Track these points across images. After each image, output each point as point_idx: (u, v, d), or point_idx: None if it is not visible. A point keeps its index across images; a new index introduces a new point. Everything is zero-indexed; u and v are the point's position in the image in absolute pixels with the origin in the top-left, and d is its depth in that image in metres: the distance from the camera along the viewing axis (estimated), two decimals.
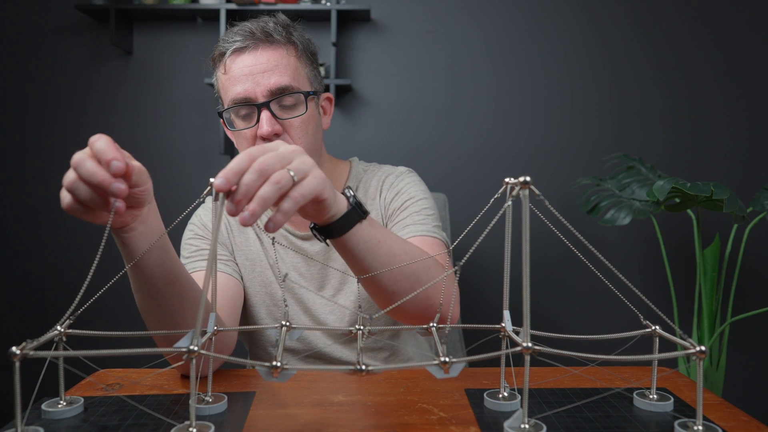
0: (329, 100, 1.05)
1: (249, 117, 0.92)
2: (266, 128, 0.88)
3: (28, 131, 2.02)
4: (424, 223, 0.98)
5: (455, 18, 1.98)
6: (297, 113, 0.92)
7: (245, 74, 0.90)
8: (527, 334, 0.48)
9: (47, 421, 0.56)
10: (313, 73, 0.98)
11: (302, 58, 0.96)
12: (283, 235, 1.02)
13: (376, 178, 1.06)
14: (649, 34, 1.95)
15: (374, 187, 1.05)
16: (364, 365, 0.47)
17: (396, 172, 1.07)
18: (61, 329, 0.54)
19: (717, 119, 1.96)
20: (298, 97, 0.92)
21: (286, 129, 0.92)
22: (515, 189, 0.51)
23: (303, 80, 0.94)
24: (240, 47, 0.90)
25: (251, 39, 0.90)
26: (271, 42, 0.92)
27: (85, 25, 2.00)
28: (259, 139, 0.90)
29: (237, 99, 0.90)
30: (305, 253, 1.01)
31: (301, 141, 0.93)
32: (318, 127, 0.98)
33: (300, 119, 0.92)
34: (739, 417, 0.60)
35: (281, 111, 0.91)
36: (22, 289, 2.04)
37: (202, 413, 0.59)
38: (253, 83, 0.89)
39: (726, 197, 1.32)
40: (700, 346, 0.50)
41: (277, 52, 0.92)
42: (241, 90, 0.90)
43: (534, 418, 0.53)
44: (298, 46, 0.95)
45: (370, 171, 1.09)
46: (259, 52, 0.91)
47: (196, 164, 2.02)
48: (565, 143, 1.98)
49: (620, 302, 0.62)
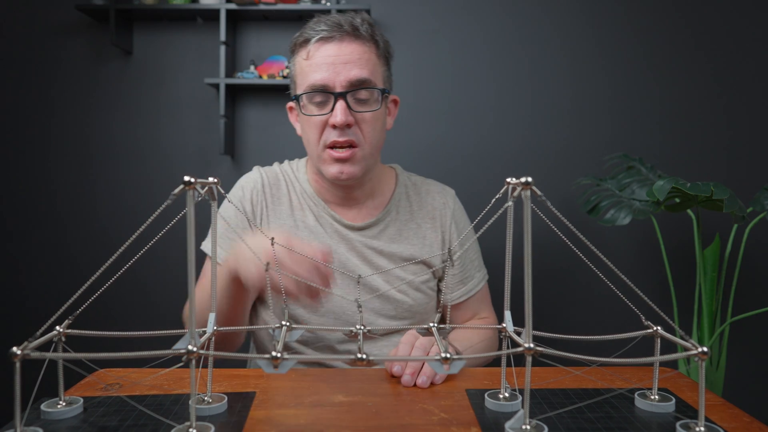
0: (395, 102, 1.09)
1: (323, 105, 0.95)
2: (340, 118, 0.92)
3: (27, 131, 2.02)
4: (479, 268, 1.14)
5: (455, 18, 1.98)
6: (370, 108, 0.96)
7: (327, 63, 0.93)
8: (529, 334, 0.48)
9: (47, 422, 0.56)
10: (387, 73, 1.02)
11: (381, 57, 1.00)
12: (330, 223, 1.06)
13: (431, 197, 1.12)
14: (649, 34, 1.95)
15: (433, 207, 1.10)
16: (364, 354, 0.47)
17: (458, 205, 1.14)
18: (61, 329, 0.54)
19: (717, 119, 1.95)
20: (372, 92, 0.96)
21: (357, 122, 0.95)
22: (516, 189, 0.50)
23: (379, 78, 0.98)
24: (326, 36, 0.94)
25: (338, 30, 0.94)
26: (357, 36, 0.96)
27: (85, 25, 1.99)
28: (330, 127, 0.94)
29: (315, 85, 0.94)
30: (350, 242, 1.05)
31: (369, 136, 0.97)
32: (384, 127, 1.02)
33: (371, 115, 0.96)
34: (741, 418, 0.60)
35: (356, 104, 0.95)
36: (22, 289, 2.04)
37: (202, 413, 0.59)
38: (334, 72, 0.93)
39: (726, 197, 1.31)
40: (702, 347, 0.50)
41: (361, 46, 0.96)
42: (321, 77, 0.93)
43: (535, 419, 0.53)
44: (380, 45, 0.99)
45: (419, 185, 1.13)
46: (344, 44, 0.94)
47: (196, 164, 2.02)
48: (565, 143, 1.98)
49: (621, 302, 0.62)
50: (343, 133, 0.94)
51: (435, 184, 1.15)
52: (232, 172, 2.02)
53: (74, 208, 2.02)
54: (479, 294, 1.13)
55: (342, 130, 0.94)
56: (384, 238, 1.06)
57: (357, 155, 0.96)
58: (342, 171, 0.96)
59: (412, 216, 1.09)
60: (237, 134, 2.02)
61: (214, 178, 0.56)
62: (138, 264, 0.63)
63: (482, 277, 1.14)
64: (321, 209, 1.06)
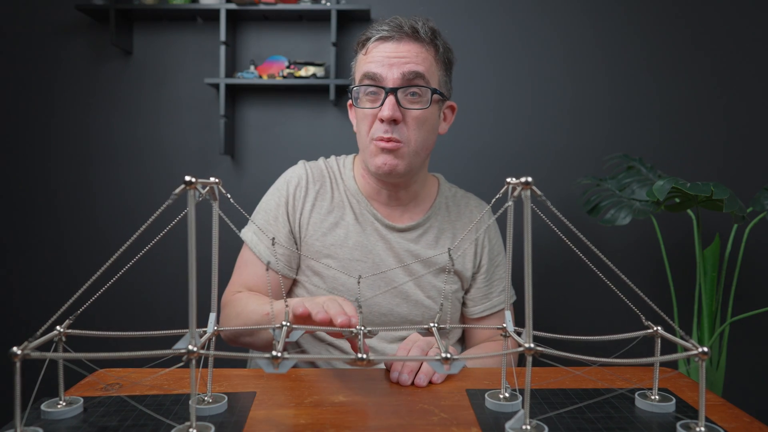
0: (452, 108, 1.09)
1: (375, 98, 0.96)
2: (387, 112, 0.93)
3: (28, 131, 2.02)
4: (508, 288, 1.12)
5: (455, 18, 1.98)
6: (420, 106, 0.96)
7: (383, 57, 0.95)
8: (529, 334, 0.48)
9: (47, 422, 0.56)
10: (445, 79, 1.03)
11: (440, 62, 1.01)
12: (370, 221, 1.06)
13: (469, 210, 1.13)
14: (649, 34, 1.95)
15: (470, 220, 1.12)
16: (364, 354, 0.47)
17: (492, 219, 1.14)
18: (61, 329, 0.54)
19: (717, 119, 1.95)
20: (425, 92, 0.96)
21: (405, 119, 0.96)
22: (517, 189, 0.50)
23: (435, 80, 0.99)
24: (386, 36, 0.96)
25: (397, 31, 0.96)
26: (416, 38, 0.97)
27: (85, 25, 1.99)
28: (378, 121, 0.95)
29: (368, 74, 0.96)
30: (388, 242, 1.05)
31: (415, 134, 0.97)
32: (433, 129, 1.02)
33: (420, 113, 0.96)
34: (741, 418, 0.60)
35: (406, 101, 0.95)
36: (22, 289, 2.04)
37: (202, 413, 0.59)
38: (387, 66, 0.94)
39: (726, 197, 1.31)
40: (702, 347, 0.50)
41: (419, 47, 0.97)
42: (374, 68, 0.95)
43: (536, 419, 0.53)
44: (439, 49, 1.00)
45: (459, 197, 1.15)
46: (402, 44, 0.96)
47: (196, 164, 2.02)
48: (565, 143, 1.98)
49: (621, 302, 0.62)
50: (389, 128, 0.95)
51: (474, 198, 1.17)
52: (232, 172, 2.02)
53: (74, 208, 2.02)
54: (503, 313, 1.12)
55: (389, 124, 0.95)
56: (422, 242, 1.07)
57: (402, 150, 0.97)
58: (385, 162, 0.97)
59: (450, 225, 1.11)
60: (237, 134, 2.02)
61: (216, 178, 0.56)
62: (138, 264, 0.63)
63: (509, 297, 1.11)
64: (363, 207, 1.06)
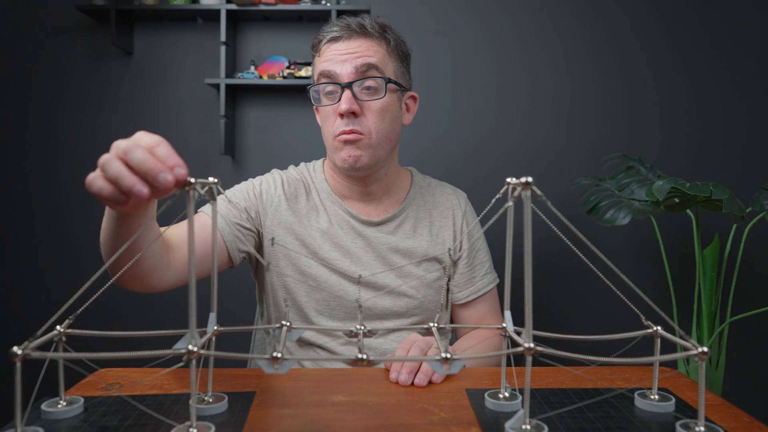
0: (414, 98, 1.10)
1: (333, 95, 0.98)
2: (344, 105, 0.95)
3: (28, 131, 2.02)
4: (489, 271, 1.14)
5: (455, 18, 1.98)
6: (377, 96, 0.98)
7: (335, 55, 0.98)
8: (529, 334, 0.48)
9: (47, 422, 0.56)
10: (401, 70, 1.04)
11: (393, 53, 1.02)
12: (346, 219, 1.07)
13: (445, 197, 1.14)
14: (649, 34, 1.95)
15: (446, 207, 1.13)
16: (364, 354, 0.47)
17: (469, 207, 1.16)
18: (61, 329, 0.54)
19: (716, 119, 1.96)
20: (380, 83, 0.98)
21: (364, 111, 0.98)
22: (517, 189, 0.50)
23: (389, 70, 1.01)
24: (336, 36, 0.98)
25: (346, 30, 0.98)
26: (365, 34, 0.99)
27: (85, 25, 1.99)
28: (338, 116, 0.98)
29: (323, 72, 0.98)
30: (366, 238, 1.06)
31: (376, 126, 0.99)
32: (395, 120, 1.03)
33: (378, 104, 0.98)
34: (741, 418, 0.60)
35: (363, 94, 0.97)
36: (22, 289, 2.04)
37: (203, 413, 0.59)
38: (340, 62, 0.97)
39: (725, 197, 1.32)
40: (702, 347, 0.50)
41: (369, 42, 0.99)
42: (327, 66, 0.97)
43: (535, 419, 0.53)
44: (390, 42, 1.02)
45: (434, 186, 1.17)
46: (352, 41, 0.98)
47: (196, 164, 2.02)
48: (564, 143, 1.98)
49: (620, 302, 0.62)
50: (349, 122, 0.97)
51: (449, 186, 1.19)
52: (232, 172, 2.02)
53: (74, 208, 2.02)
54: (488, 296, 1.14)
55: (349, 117, 0.97)
56: (400, 233, 1.08)
57: (363, 141, 0.98)
58: (350, 154, 0.98)
59: (427, 213, 1.12)
60: (237, 134, 2.02)
61: (215, 178, 0.56)
62: None
63: (492, 279, 1.15)
64: (338, 206, 1.07)
